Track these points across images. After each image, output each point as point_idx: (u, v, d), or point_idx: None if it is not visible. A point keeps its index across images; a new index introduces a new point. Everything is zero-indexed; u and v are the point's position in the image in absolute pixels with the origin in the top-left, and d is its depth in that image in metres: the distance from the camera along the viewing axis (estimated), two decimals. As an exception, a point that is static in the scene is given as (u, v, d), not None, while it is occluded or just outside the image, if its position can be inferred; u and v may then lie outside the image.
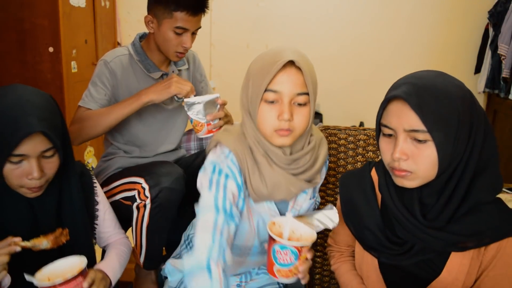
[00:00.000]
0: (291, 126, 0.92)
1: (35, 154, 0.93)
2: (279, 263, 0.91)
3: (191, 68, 1.70)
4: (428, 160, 0.80)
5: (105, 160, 1.60)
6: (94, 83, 1.48)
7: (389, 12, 3.65)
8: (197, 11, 1.44)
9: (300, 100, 0.92)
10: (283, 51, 0.92)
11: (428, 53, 3.69)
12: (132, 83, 1.51)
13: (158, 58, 1.55)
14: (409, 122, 0.80)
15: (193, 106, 1.33)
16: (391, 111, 0.83)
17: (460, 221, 0.83)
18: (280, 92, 0.91)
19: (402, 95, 0.80)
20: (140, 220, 1.34)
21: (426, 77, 0.83)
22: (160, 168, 1.38)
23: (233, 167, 0.97)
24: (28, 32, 2.50)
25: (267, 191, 0.98)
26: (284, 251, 0.90)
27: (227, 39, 3.75)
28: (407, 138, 0.81)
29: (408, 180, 0.84)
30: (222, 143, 1.00)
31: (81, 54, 2.79)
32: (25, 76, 2.56)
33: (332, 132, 1.38)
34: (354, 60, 3.76)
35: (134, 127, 1.55)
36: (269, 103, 0.92)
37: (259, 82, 0.92)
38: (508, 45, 3.13)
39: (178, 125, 1.67)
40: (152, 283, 1.48)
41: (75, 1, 2.70)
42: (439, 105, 0.78)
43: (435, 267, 0.89)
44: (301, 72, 0.91)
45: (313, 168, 1.02)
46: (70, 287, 0.90)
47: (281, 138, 0.94)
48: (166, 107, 1.59)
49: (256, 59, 0.98)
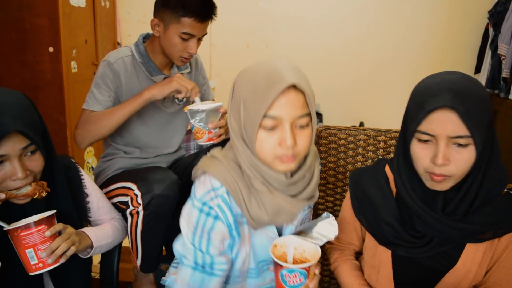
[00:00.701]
0: (295, 152, 0.86)
1: (15, 154, 0.91)
2: (289, 285, 0.88)
3: (193, 71, 1.70)
4: (468, 162, 0.83)
5: (105, 160, 1.59)
6: (97, 85, 1.47)
7: (389, 12, 3.65)
8: (205, 18, 1.44)
9: (302, 122, 0.85)
10: (279, 71, 0.83)
11: (428, 53, 3.68)
12: (134, 85, 1.51)
13: (161, 61, 1.55)
14: (454, 129, 0.81)
15: (196, 114, 1.33)
16: (434, 119, 0.83)
17: (477, 212, 0.87)
18: (280, 117, 0.83)
19: (451, 104, 0.80)
20: (134, 226, 1.34)
21: (460, 82, 0.84)
22: (153, 175, 1.37)
23: (223, 205, 0.91)
24: (28, 32, 2.50)
25: (268, 218, 0.92)
26: (293, 274, 0.87)
27: (227, 39, 3.75)
28: (448, 143, 0.83)
29: (443, 184, 0.86)
30: (210, 174, 0.92)
31: (81, 54, 2.79)
32: (25, 76, 2.56)
33: (332, 132, 1.38)
34: (354, 60, 3.75)
35: (135, 129, 1.55)
36: (268, 129, 0.84)
37: (254, 108, 0.83)
38: (508, 45, 3.13)
39: (179, 129, 1.67)
40: (150, 284, 1.48)
41: (75, 1, 2.70)
42: (478, 110, 0.81)
43: (450, 259, 0.92)
44: (301, 93, 0.84)
45: (310, 185, 0.98)
46: (32, 233, 0.93)
47: (285, 164, 0.87)
48: (166, 110, 1.59)
49: (244, 78, 0.88)
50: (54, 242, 0.96)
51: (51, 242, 0.96)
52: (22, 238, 0.93)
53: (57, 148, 1.07)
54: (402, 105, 0.98)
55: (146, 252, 1.40)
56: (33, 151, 0.95)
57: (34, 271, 0.95)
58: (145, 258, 1.41)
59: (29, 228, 0.93)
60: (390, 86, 3.76)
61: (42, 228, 0.95)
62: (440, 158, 0.82)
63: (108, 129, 1.41)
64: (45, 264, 0.95)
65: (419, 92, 0.88)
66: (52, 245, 0.95)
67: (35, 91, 2.55)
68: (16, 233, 0.93)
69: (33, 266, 0.94)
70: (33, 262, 0.94)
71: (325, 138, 1.38)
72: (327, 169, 1.40)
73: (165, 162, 1.64)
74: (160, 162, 1.61)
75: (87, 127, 1.42)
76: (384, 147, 1.35)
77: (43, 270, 0.95)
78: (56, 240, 0.96)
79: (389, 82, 3.77)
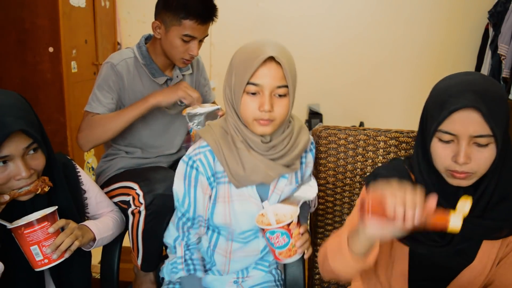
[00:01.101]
0: (271, 116, 1.01)
1: (19, 153, 0.93)
2: (277, 246, 0.99)
3: (194, 72, 1.70)
4: (489, 161, 0.85)
5: (106, 160, 1.59)
6: (100, 87, 1.47)
7: (389, 12, 3.65)
8: (206, 20, 1.44)
9: (280, 92, 1.01)
10: (264, 46, 0.99)
11: (428, 53, 3.69)
12: (137, 87, 1.51)
13: (163, 62, 1.55)
14: (476, 129, 0.83)
15: (195, 117, 1.36)
16: (457, 119, 0.84)
17: (495, 209, 0.88)
18: (261, 85, 0.99)
19: (474, 104, 0.82)
20: (136, 226, 1.35)
21: (481, 82, 0.86)
22: (155, 174, 1.38)
23: (204, 160, 1.09)
24: (28, 32, 2.50)
25: (244, 173, 1.06)
26: (275, 234, 0.98)
27: (227, 39, 3.75)
28: (470, 143, 0.85)
29: (467, 180, 0.88)
30: (202, 137, 1.11)
31: (81, 54, 2.79)
32: (25, 76, 2.56)
33: (332, 132, 1.38)
34: (354, 60, 3.75)
35: (137, 131, 1.56)
36: (251, 94, 1.01)
37: (241, 75, 0.99)
38: (508, 45, 3.13)
39: (181, 130, 1.68)
40: (151, 283, 1.48)
41: (75, 1, 2.70)
42: (499, 110, 0.83)
43: (466, 257, 0.93)
44: (281, 66, 0.99)
45: (291, 153, 1.10)
46: (36, 230, 0.95)
47: (262, 127, 1.02)
48: (168, 112, 1.59)
49: (238, 52, 1.05)
50: (58, 238, 0.98)
51: (55, 238, 0.97)
52: (26, 235, 0.95)
53: (57, 148, 1.08)
54: (402, 105, 0.99)
55: (147, 251, 1.40)
56: (35, 149, 0.96)
57: (40, 267, 0.97)
58: (146, 257, 1.41)
59: (32, 226, 0.95)
60: (390, 86, 3.76)
61: (45, 225, 0.97)
62: (462, 157, 0.84)
63: (112, 132, 1.42)
64: (50, 259, 0.97)
65: (440, 92, 0.89)
66: (56, 241, 0.97)
67: (35, 91, 2.55)
68: (20, 231, 0.95)
69: (38, 262, 0.97)
70: (39, 259, 0.96)
71: (325, 138, 1.38)
72: (327, 169, 1.40)
73: (166, 162, 1.64)
74: (161, 162, 1.62)
75: (90, 130, 1.42)
76: (384, 147, 1.35)
77: (49, 265, 0.98)
78: (60, 236, 0.98)
79: (389, 82, 3.77)
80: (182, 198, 1.12)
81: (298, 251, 1.00)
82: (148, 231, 1.35)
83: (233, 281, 1.24)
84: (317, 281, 1.49)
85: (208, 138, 1.09)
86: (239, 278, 1.24)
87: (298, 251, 1.00)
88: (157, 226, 1.34)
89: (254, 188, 1.12)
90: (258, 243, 1.20)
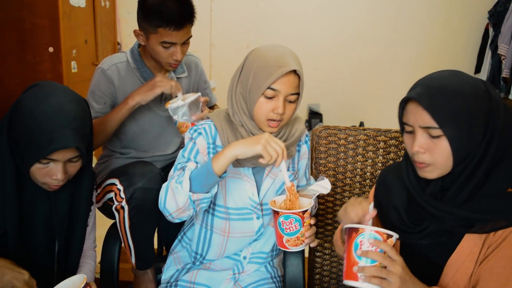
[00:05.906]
0: (281, 118, 1.12)
1: (63, 160, 1.01)
2: (286, 233, 1.02)
3: (192, 75, 1.69)
4: (443, 153, 0.89)
5: (101, 163, 1.61)
6: (93, 92, 1.49)
7: (389, 12, 3.65)
8: (181, 25, 1.41)
9: (292, 98, 1.12)
10: (285, 57, 1.09)
11: (429, 53, 3.69)
12: (129, 91, 1.50)
13: (154, 66, 1.55)
14: (423, 120, 0.89)
15: (178, 109, 1.36)
16: (409, 111, 0.93)
17: (478, 202, 0.90)
18: (279, 91, 1.09)
19: (415, 96, 0.89)
20: (122, 222, 1.35)
21: (440, 77, 0.91)
22: (134, 169, 1.38)
23: (208, 129, 1.18)
24: (28, 32, 2.51)
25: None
26: (289, 220, 1.01)
27: (227, 39, 3.76)
28: (423, 134, 0.91)
29: (427, 172, 0.93)
30: (209, 117, 1.22)
31: (81, 54, 2.80)
32: (25, 76, 2.56)
33: (332, 132, 1.38)
34: (354, 60, 3.76)
35: (133, 134, 1.56)
36: (267, 98, 1.10)
37: (261, 79, 1.09)
38: (508, 45, 3.13)
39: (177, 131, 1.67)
40: (150, 282, 1.48)
41: (75, 1, 2.71)
42: (450, 104, 0.86)
43: (446, 250, 0.95)
44: (298, 77, 1.11)
45: (288, 140, 1.19)
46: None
47: (271, 128, 1.14)
48: (162, 114, 1.58)
49: (257, 54, 1.13)
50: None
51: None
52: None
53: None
54: (402, 105, 1.01)
55: (138, 248, 1.40)
56: (78, 159, 1.05)
57: None
58: (138, 254, 1.41)
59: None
60: (390, 86, 3.77)
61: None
62: (415, 146, 0.91)
63: (102, 137, 1.44)
64: None
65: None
66: None
67: (35, 91, 2.55)
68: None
69: None
70: None
71: (325, 138, 1.38)
72: (327, 169, 1.40)
73: (161, 162, 1.64)
74: (156, 162, 1.61)
75: None
76: (384, 147, 1.35)
77: None
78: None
79: (389, 82, 3.77)
80: (183, 150, 1.19)
81: (306, 241, 1.04)
82: (135, 226, 1.35)
83: (230, 277, 1.24)
84: (317, 281, 1.50)
85: (214, 118, 1.20)
86: (235, 274, 1.25)
87: (306, 241, 1.04)
88: (144, 221, 1.35)
89: (250, 170, 1.20)
90: (253, 224, 1.22)
